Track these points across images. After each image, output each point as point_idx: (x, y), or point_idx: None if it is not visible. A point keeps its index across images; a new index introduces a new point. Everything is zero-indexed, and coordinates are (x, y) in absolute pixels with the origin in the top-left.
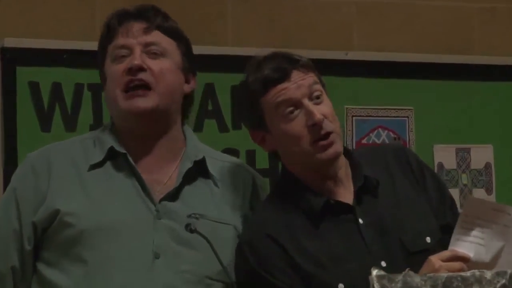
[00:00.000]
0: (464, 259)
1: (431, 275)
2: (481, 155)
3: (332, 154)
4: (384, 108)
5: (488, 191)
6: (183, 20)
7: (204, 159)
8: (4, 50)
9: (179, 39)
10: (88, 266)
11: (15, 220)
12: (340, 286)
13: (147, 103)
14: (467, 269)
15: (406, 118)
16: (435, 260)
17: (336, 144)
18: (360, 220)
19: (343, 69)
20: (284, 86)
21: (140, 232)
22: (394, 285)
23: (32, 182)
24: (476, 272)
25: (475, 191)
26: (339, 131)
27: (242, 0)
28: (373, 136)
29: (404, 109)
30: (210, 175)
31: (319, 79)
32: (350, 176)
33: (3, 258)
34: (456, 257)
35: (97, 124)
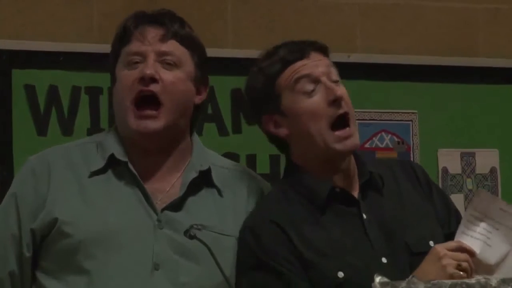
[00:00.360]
0: (470, 252)
1: (435, 282)
2: (486, 159)
3: (350, 146)
4: (387, 112)
5: None
6: None
7: (209, 169)
8: None
9: (194, 48)
10: (86, 277)
11: (14, 225)
12: (340, 274)
13: (157, 125)
14: (472, 264)
15: (410, 122)
16: (440, 248)
17: (355, 136)
18: (364, 215)
19: (346, 71)
20: (303, 63)
21: (140, 242)
22: None
23: (32, 185)
24: (481, 279)
25: None
26: (354, 116)
27: (242, 1)
28: (376, 140)
29: (408, 112)
30: (214, 185)
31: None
32: (356, 173)
33: (1, 263)
34: (461, 248)
35: (94, 128)
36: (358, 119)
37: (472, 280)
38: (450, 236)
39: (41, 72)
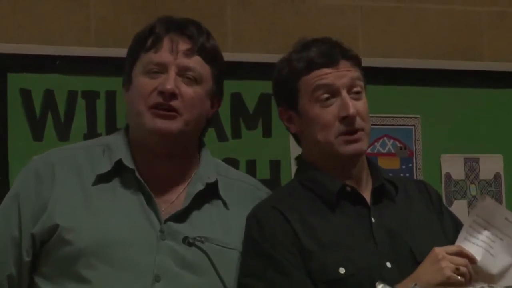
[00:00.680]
0: (471, 259)
1: None
2: (490, 165)
3: (353, 150)
4: (389, 116)
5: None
6: None
7: (216, 181)
8: None
9: (216, 63)
10: (86, 286)
11: (15, 228)
12: (341, 270)
13: (173, 126)
14: (472, 270)
15: (413, 127)
16: (439, 250)
17: (362, 141)
18: (373, 219)
19: None
20: (328, 71)
21: (141, 252)
22: None
23: (35, 187)
24: (486, 287)
25: None
26: (369, 131)
27: (243, 4)
28: (378, 145)
29: (411, 117)
30: (220, 197)
31: (363, 78)
32: (370, 181)
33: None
34: (462, 253)
35: (91, 133)
36: None
37: (477, 287)
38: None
39: (37, 76)
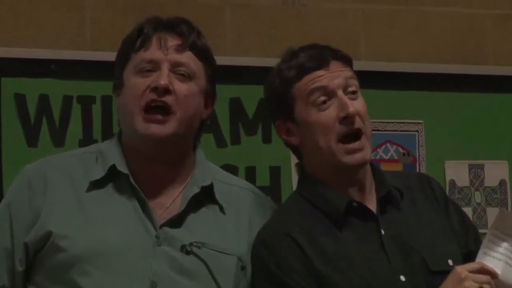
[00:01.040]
0: (492, 274)
1: None
2: (495, 171)
3: (359, 159)
4: (392, 122)
5: None
6: None
7: (212, 185)
8: None
9: (208, 61)
10: None
11: (7, 238)
12: None
13: (165, 130)
14: (494, 286)
15: (416, 133)
16: (461, 270)
17: (366, 150)
18: (382, 231)
19: None
20: (320, 73)
21: (137, 258)
22: None
23: (27, 197)
24: None
25: (489, 210)
26: (370, 134)
27: (242, 6)
28: (380, 151)
29: (414, 122)
30: (217, 201)
31: (357, 78)
32: (373, 187)
33: None
34: (483, 270)
35: (87, 139)
36: None
37: None
38: (468, 255)
39: (31, 80)
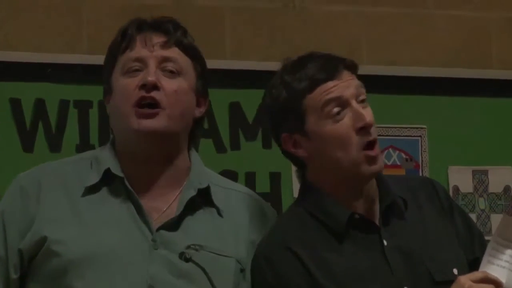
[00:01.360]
0: (496, 283)
1: None
2: (499, 177)
3: (376, 170)
4: (395, 127)
5: None
6: None
7: (208, 187)
8: None
9: (196, 58)
10: None
11: (1, 246)
12: None
13: (157, 124)
14: None
15: (419, 138)
16: (464, 280)
17: (380, 159)
18: (385, 242)
19: None
20: (333, 83)
21: (134, 262)
22: None
23: (20, 204)
24: None
25: (493, 216)
26: (378, 143)
27: (242, 9)
28: (383, 157)
29: (417, 127)
30: (214, 204)
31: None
32: (377, 196)
33: None
34: (487, 279)
35: (83, 144)
36: None
37: None
38: (474, 262)
39: (27, 84)
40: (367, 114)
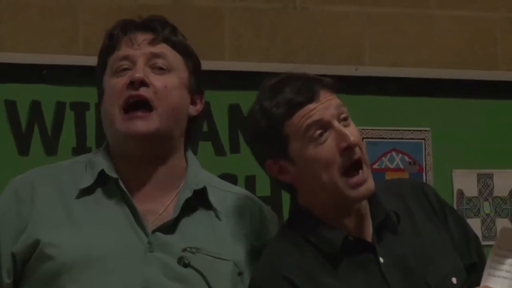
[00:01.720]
0: None
1: None
2: (505, 181)
3: (364, 193)
4: (398, 129)
5: None
6: None
7: (205, 188)
8: None
9: (187, 55)
10: None
11: None
12: None
13: (147, 126)
14: None
15: (423, 140)
16: None
17: (369, 181)
18: (381, 259)
19: (353, 86)
20: (312, 106)
21: (129, 265)
22: None
23: (14, 208)
24: None
25: (498, 221)
26: (368, 160)
27: (241, 9)
28: (386, 160)
29: (420, 130)
30: (211, 206)
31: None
32: (368, 212)
33: None
34: None
35: (80, 146)
36: (366, 138)
37: None
38: (472, 267)
39: (22, 86)
40: (350, 133)
